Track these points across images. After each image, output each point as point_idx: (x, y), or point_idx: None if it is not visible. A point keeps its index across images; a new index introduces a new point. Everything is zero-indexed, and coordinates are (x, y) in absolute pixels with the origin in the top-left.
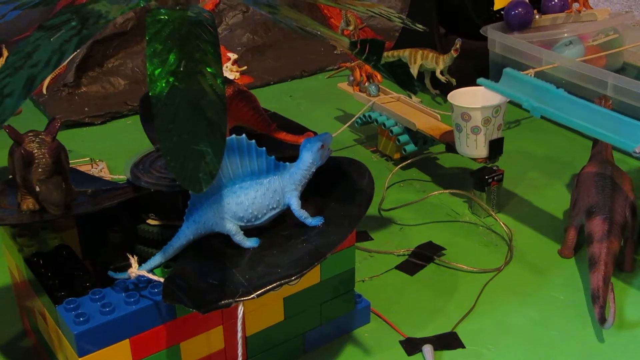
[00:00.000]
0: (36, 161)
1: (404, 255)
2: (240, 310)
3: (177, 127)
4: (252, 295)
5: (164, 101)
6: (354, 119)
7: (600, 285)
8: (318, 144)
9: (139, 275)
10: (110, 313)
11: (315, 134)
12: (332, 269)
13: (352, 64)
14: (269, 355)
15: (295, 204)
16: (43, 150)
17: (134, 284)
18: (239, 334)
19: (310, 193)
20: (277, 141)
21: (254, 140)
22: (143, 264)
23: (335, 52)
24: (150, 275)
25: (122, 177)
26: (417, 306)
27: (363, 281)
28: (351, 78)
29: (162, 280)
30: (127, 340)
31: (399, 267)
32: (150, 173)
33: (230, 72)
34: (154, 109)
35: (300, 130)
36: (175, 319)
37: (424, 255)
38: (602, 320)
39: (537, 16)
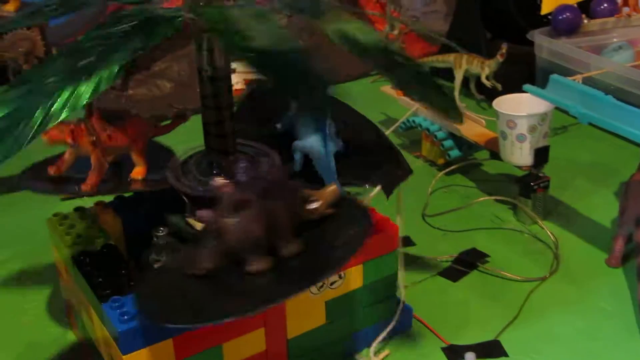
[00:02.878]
0: None
1: (447, 261)
2: None
3: None
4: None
5: None
6: (397, 124)
7: None
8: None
9: None
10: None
11: None
12: (374, 274)
13: None
14: (308, 357)
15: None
16: None
17: None
18: None
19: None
20: None
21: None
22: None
23: None
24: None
25: None
26: (459, 313)
27: (405, 286)
28: None
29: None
30: (170, 339)
31: (442, 274)
32: (193, 175)
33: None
34: None
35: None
36: None
37: (468, 262)
38: None
39: (585, 21)
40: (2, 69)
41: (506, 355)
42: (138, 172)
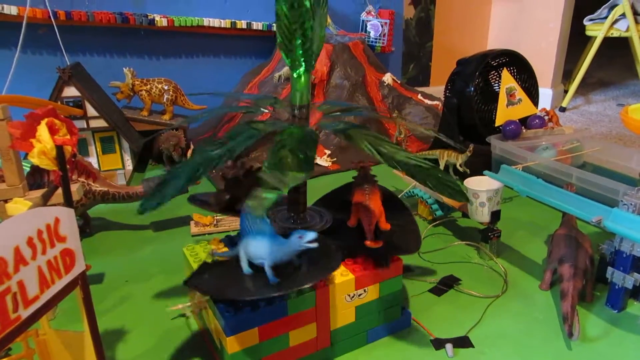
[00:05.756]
0: None
1: (433, 283)
2: None
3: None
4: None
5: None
6: (402, 193)
7: (569, 310)
8: (297, 235)
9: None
10: (246, 311)
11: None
12: (387, 289)
13: None
14: (344, 343)
15: (266, 263)
16: None
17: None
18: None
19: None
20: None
21: (265, 217)
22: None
23: None
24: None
25: None
26: (442, 317)
27: (406, 298)
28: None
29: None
30: (257, 328)
31: (430, 291)
32: (277, 223)
33: (325, 161)
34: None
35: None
36: (287, 315)
37: (447, 284)
38: (570, 334)
39: (524, 130)
40: (159, 155)
41: (472, 346)
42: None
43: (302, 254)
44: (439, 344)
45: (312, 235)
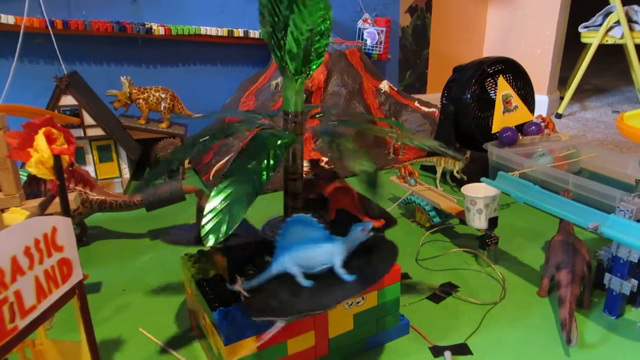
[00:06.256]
0: None
1: (432, 290)
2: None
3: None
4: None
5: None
6: (400, 200)
7: (567, 317)
8: (359, 227)
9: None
10: (243, 319)
11: (377, 219)
12: (385, 297)
13: (399, 165)
14: (342, 351)
15: (337, 264)
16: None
17: None
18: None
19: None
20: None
21: (315, 219)
22: (243, 284)
23: (389, 157)
24: (242, 291)
25: None
26: (440, 324)
27: (405, 306)
28: (399, 174)
29: (247, 295)
30: (254, 335)
31: (429, 298)
32: (272, 231)
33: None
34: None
35: (372, 210)
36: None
37: (445, 291)
38: (569, 341)
39: (520, 137)
40: (156, 163)
41: (471, 354)
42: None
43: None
44: (437, 351)
45: (371, 225)
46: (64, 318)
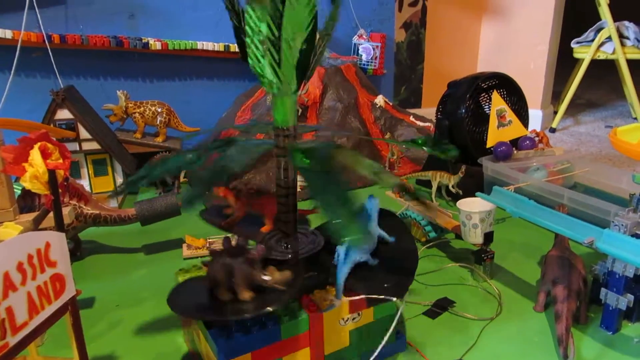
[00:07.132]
0: None
1: (428, 305)
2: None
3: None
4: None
5: None
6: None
7: (563, 332)
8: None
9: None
10: (239, 336)
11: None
12: (381, 312)
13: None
14: None
15: (383, 233)
16: None
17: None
18: None
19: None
20: None
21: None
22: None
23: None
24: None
25: None
26: (437, 340)
27: (401, 321)
28: (394, 188)
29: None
30: (250, 353)
31: (425, 313)
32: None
33: None
34: None
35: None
36: (281, 340)
37: (441, 306)
38: (565, 357)
39: (515, 151)
40: None
41: None
42: (266, 228)
43: (374, 254)
44: None
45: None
46: (55, 334)
